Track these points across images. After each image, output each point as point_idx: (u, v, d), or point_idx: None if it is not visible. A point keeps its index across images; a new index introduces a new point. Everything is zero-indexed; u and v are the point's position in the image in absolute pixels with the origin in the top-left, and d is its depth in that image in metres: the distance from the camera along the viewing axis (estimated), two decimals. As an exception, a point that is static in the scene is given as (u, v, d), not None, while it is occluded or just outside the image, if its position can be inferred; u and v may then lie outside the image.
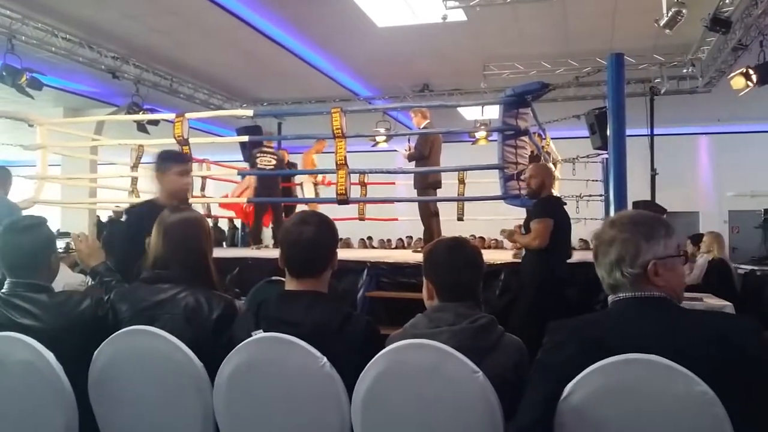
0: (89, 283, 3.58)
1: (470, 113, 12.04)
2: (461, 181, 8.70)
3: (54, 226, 10.51)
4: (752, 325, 1.57)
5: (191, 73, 11.10)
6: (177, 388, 2.02)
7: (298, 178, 9.44)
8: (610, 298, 1.72)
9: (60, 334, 2.14)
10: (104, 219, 11.48)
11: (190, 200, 6.03)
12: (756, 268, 7.84)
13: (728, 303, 4.64)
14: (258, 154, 8.00)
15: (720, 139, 15.10)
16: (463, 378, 1.74)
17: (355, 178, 8.42)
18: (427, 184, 6.68)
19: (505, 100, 5.57)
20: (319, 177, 8.91)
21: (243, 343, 1.93)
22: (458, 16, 7.86)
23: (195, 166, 6.65)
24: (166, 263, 2.30)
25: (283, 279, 2.19)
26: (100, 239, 3.14)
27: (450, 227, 7.81)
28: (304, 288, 2.08)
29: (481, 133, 9.91)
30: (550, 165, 5.92)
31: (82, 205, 10.23)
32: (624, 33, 8.70)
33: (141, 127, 10.17)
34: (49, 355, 2.00)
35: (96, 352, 2.09)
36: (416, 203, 6.96)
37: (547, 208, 4.42)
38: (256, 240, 7.95)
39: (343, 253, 7.17)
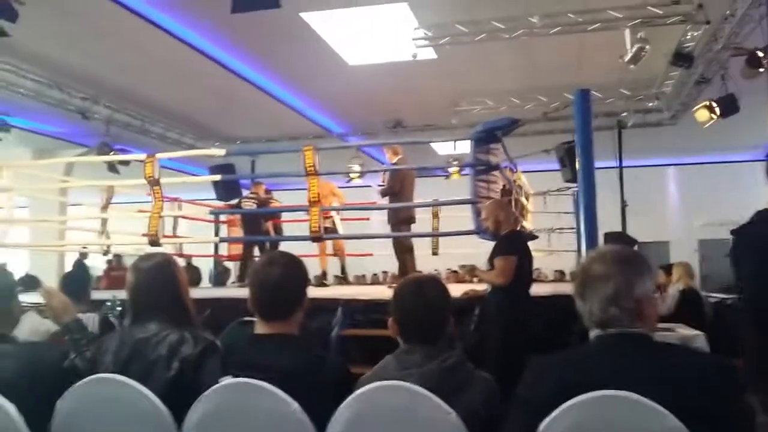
0: (51, 331, 3.49)
1: (443, 148, 12.15)
2: (435, 216, 8.73)
3: (22, 269, 10.31)
4: (733, 370, 1.58)
5: (163, 113, 11.08)
6: (143, 438, 1.96)
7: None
8: (594, 333, 1.71)
9: (23, 384, 2.08)
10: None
11: (161, 241, 6.00)
12: (726, 296, 7.92)
13: (700, 333, 4.68)
14: (243, 201, 8.50)
15: (688, 170, 15.42)
16: (437, 419, 1.72)
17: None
18: (400, 219, 6.68)
19: (476, 136, 5.63)
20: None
21: (211, 389, 1.89)
22: (428, 54, 7.98)
23: (166, 205, 6.58)
24: (143, 308, 2.31)
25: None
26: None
27: (425, 262, 7.80)
28: (273, 331, 2.04)
29: (453, 168, 9.98)
30: (506, 199, 5.94)
31: (50, 248, 10.04)
32: (590, 68, 8.90)
33: (112, 167, 10.08)
34: (10, 407, 1.93)
35: (59, 401, 2.03)
36: (391, 239, 6.96)
37: (510, 245, 4.44)
38: (242, 278, 8.20)
39: (316, 291, 7.09)
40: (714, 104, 8.06)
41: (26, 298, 3.30)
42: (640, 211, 11.16)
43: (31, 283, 6.36)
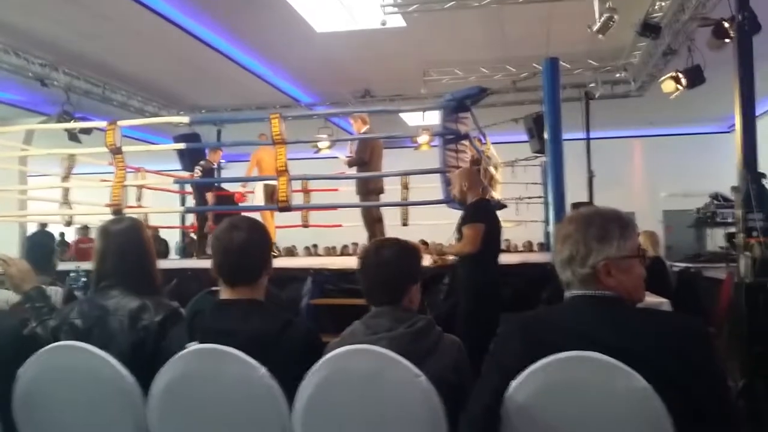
0: (11, 302, 3.40)
1: (412, 119, 12.09)
2: (405, 187, 8.72)
3: (-20, 240, 10.02)
4: (699, 328, 1.58)
5: (125, 80, 10.80)
6: (107, 404, 1.94)
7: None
8: (566, 294, 1.72)
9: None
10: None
11: (125, 211, 5.88)
12: (690, 265, 8.08)
13: (665, 300, 4.75)
14: (195, 170, 8.33)
15: (653, 142, 15.62)
16: (406, 382, 1.72)
17: (297, 185, 8.34)
18: (369, 189, 6.65)
19: (445, 105, 5.61)
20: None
21: (177, 355, 1.86)
22: (397, 21, 7.89)
23: (130, 175, 6.45)
24: (110, 273, 2.26)
25: (224, 289, 2.12)
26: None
27: (395, 233, 7.75)
28: (239, 296, 2.01)
29: (422, 138, 9.94)
30: (473, 167, 5.95)
31: (10, 218, 9.78)
32: (559, 38, 8.89)
33: (72, 136, 9.81)
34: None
35: (20, 371, 2.00)
36: (359, 209, 6.93)
37: (477, 213, 4.44)
38: (201, 251, 8.05)
39: (286, 261, 7.06)
40: (680, 75, 8.12)
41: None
42: (607, 182, 11.32)
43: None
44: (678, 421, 1.46)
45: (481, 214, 4.44)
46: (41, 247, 4.06)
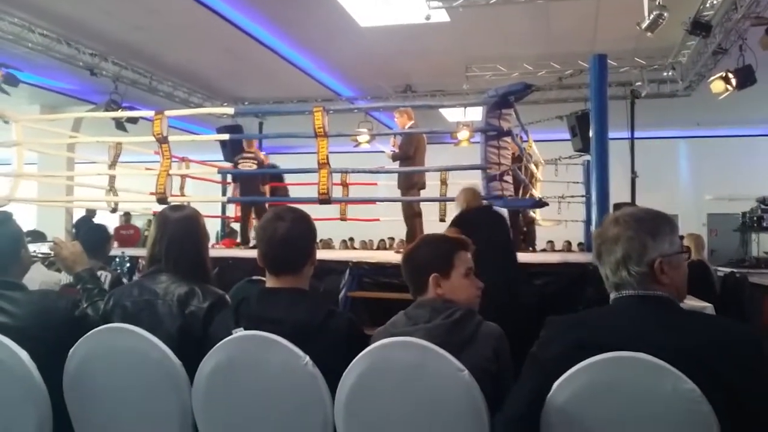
0: (62, 282, 3.51)
1: (452, 115, 12.05)
2: (443, 182, 8.70)
3: (30, 224, 10.35)
4: (757, 336, 1.54)
5: (171, 71, 11.00)
6: (154, 387, 1.97)
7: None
8: (613, 296, 1.69)
9: (35, 332, 2.09)
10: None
11: (169, 199, 5.98)
12: (735, 270, 7.90)
13: (708, 304, 4.65)
14: (240, 161, 8.26)
15: (699, 143, 15.27)
16: (448, 375, 1.71)
17: (336, 178, 8.39)
18: (412, 184, 6.64)
19: (488, 101, 5.56)
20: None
21: (223, 341, 1.88)
22: (441, 16, 7.86)
23: (174, 164, 6.57)
24: (163, 258, 2.30)
25: (264, 279, 2.15)
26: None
27: (432, 228, 7.78)
28: (284, 285, 2.03)
29: (463, 134, 9.90)
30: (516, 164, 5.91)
31: (58, 203, 10.06)
32: (606, 35, 8.76)
33: (119, 125, 10.05)
34: (23, 354, 1.95)
35: (71, 350, 2.04)
36: (398, 204, 6.93)
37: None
38: (244, 240, 8.16)
39: (324, 254, 7.11)
40: (730, 75, 7.92)
41: (33, 248, 3.30)
42: (650, 183, 11.09)
43: (36, 236, 6.38)
44: (725, 426, 1.43)
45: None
46: (97, 233, 4.19)
